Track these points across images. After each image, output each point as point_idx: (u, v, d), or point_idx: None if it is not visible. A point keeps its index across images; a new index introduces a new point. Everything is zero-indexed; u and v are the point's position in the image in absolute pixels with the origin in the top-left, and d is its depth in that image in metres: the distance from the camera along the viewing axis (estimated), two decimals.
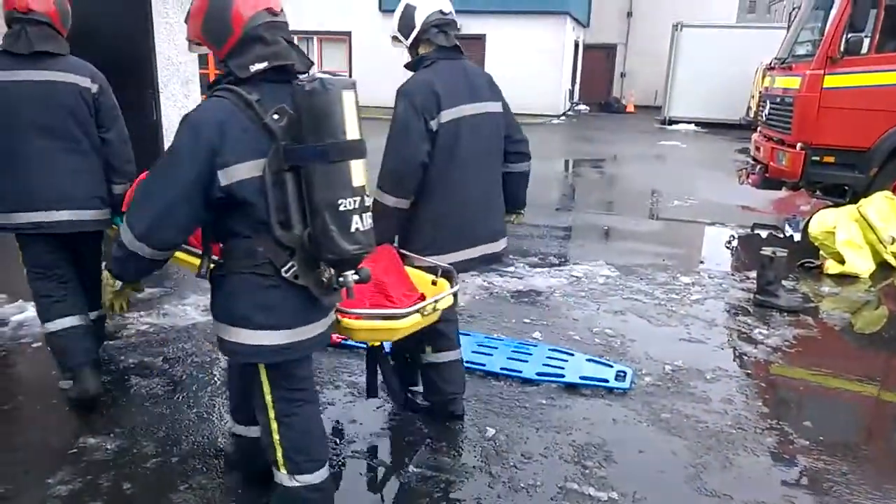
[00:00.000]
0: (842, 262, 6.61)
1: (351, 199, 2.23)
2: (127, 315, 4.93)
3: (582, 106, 28.67)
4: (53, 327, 3.70)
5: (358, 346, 4.33)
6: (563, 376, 4.19)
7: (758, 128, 9.77)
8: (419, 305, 2.92)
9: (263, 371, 2.53)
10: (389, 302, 3.03)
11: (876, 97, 7.45)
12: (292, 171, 2.25)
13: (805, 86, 7.83)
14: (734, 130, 20.82)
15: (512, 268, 6.53)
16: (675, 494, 3.18)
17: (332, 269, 2.35)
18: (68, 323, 3.69)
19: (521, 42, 24.13)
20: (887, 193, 7.10)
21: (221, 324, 2.46)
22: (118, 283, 2.57)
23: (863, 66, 7.50)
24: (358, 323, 2.84)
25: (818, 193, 8.44)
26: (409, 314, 2.87)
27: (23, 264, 3.78)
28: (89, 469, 3.19)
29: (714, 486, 3.22)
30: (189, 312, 5.08)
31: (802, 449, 3.59)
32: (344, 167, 2.23)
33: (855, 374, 4.50)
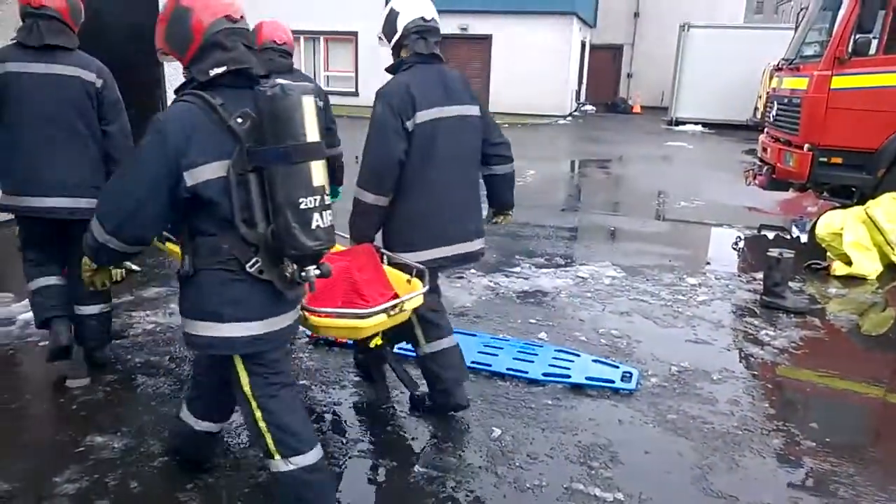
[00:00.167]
0: (849, 264, 6.60)
1: (311, 198, 2.34)
2: (133, 314, 4.96)
3: (588, 106, 28.65)
4: (34, 286, 4.05)
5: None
6: (569, 377, 4.19)
7: (765, 129, 9.75)
8: (384, 306, 2.98)
9: (240, 362, 2.59)
10: (363, 300, 3.10)
11: (884, 98, 7.42)
12: (255, 172, 2.36)
13: (813, 87, 7.81)
14: (741, 131, 20.79)
15: (518, 268, 6.54)
16: (681, 495, 3.18)
17: (295, 265, 2.45)
18: (44, 282, 4.05)
19: (528, 42, 24.12)
20: (895, 195, 7.07)
21: (191, 320, 2.54)
22: (94, 265, 2.67)
23: (871, 68, 7.48)
24: (323, 321, 2.97)
25: (825, 195, 8.40)
26: (374, 314, 2.94)
27: (21, 243, 4.16)
28: (96, 467, 3.20)
29: (720, 488, 3.22)
30: None
31: (809, 450, 3.58)
32: (304, 168, 2.34)
33: (862, 376, 4.49)
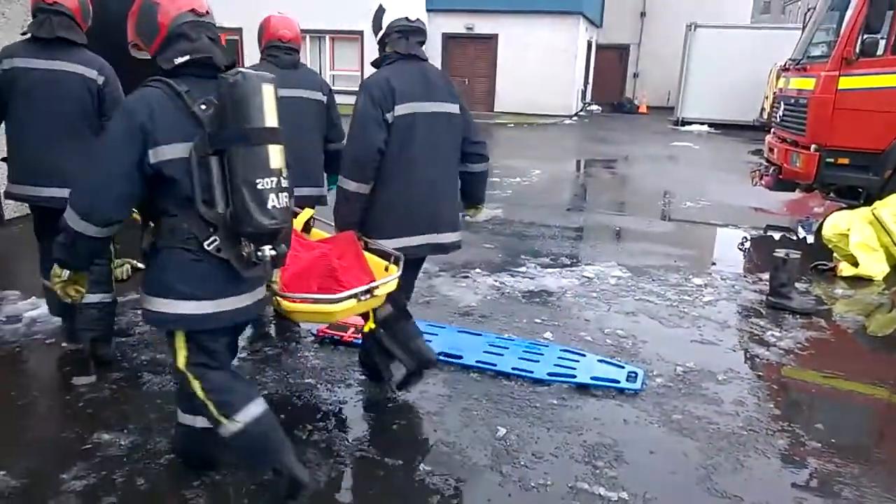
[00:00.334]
0: (855, 265, 6.58)
1: (268, 179, 2.52)
2: (139, 312, 4.95)
3: (594, 106, 28.61)
4: (48, 284, 4.08)
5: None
6: (575, 377, 4.19)
7: (771, 129, 9.72)
8: (353, 291, 3.13)
9: (181, 337, 2.77)
10: (340, 286, 3.24)
11: (891, 99, 7.38)
12: (217, 155, 2.52)
13: (820, 87, 7.79)
14: (747, 132, 20.72)
15: (523, 268, 6.54)
16: (686, 495, 3.18)
17: (252, 244, 2.58)
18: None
19: (534, 42, 24.12)
20: None
21: (149, 296, 2.70)
22: (65, 273, 2.75)
23: (878, 68, 7.45)
24: (295, 306, 3.12)
25: (832, 195, 8.38)
26: (344, 299, 3.09)
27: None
28: (103, 465, 3.21)
29: (725, 488, 3.22)
30: None
31: (814, 451, 3.58)
32: (262, 150, 2.52)
33: (867, 377, 4.48)
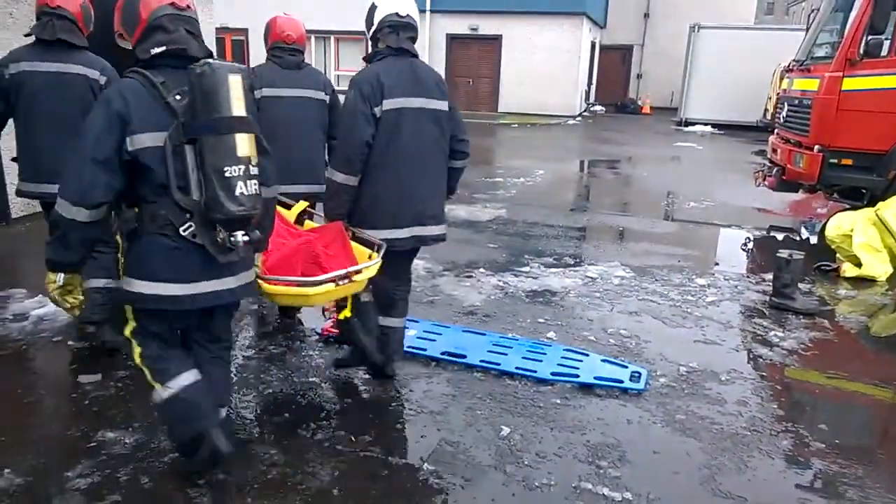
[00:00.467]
0: (859, 266, 6.58)
1: (236, 167, 2.63)
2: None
3: (598, 107, 28.61)
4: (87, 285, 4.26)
5: None
6: (578, 376, 4.20)
7: (775, 130, 9.72)
8: (330, 275, 3.28)
9: (130, 310, 2.90)
10: (322, 272, 3.39)
11: (895, 100, 7.38)
12: (191, 144, 2.64)
13: (823, 88, 7.78)
14: (751, 132, 20.71)
15: (527, 268, 6.55)
16: (690, 496, 3.19)
17: (224, 230, 2.70)
18: (96, 283, 4.17)
19: (538, 42, 24.13)
20: None
21: (129, 277, 2.79)
22: (60, 277, 2.79)
23: (882, 69, 7.44)
24: (275, 288, 3.26)
25: (835, 196, 8.38)
26: (322, 283, 3.24)
27: None
28: (108, 463, 3.22)
29: (728, 488, 3.22)
30: None
31: (817, 452, 3.58)
32: (229, 139, 2.62)
33: (871, 378, 4.49)
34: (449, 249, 7.03)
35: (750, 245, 8.16)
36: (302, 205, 4.24)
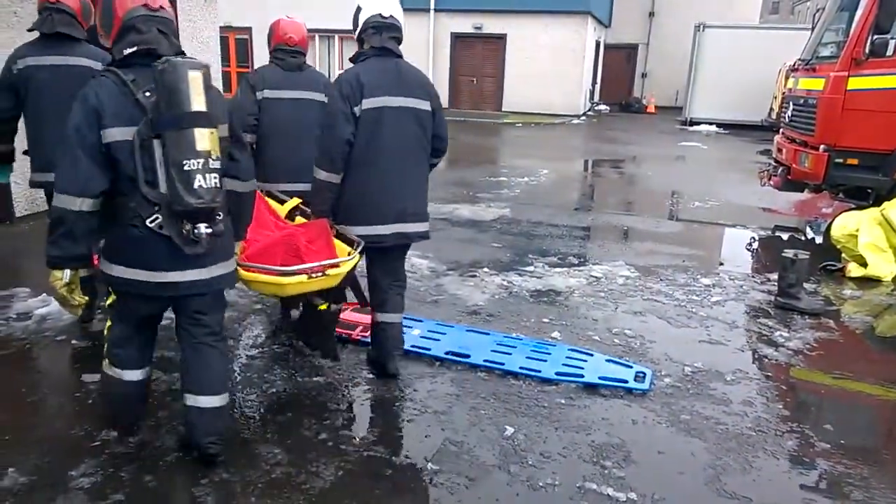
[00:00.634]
0: (864, 265, 6.56)
1: (195, 161, 2.74)
2: None
3: (602, 106, 28.55)
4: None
5: None
6: (582, 376, 4.19)
7: (780, 129, 9.69)
8: (303, 266, 3.45)
9: (117, 295, 3.08)
10: (300, 264, 3.53)
11: None
12: (158, 139, 2.77)
13: (829, 87, 7.75)
14: (756, 132, 20.67)
15: (531, 267, 6.54)
16: (695, 496, 3.18)
17: (188, 223, 2.82)
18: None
19: (542, 42, 24.11)
20: None
21: (105, 260, 2.98)
22: (66, 274, 2.88)
23: (888, 69, 7.40)
24: (251, 275, 3.43)
25: (841, 196, 8.34)
26: (294, 273, 3.42)
27: None
28: (111, 462, 3.22)
29: (733, 489, 3.21)
30: None
31: (823, 452, 3.57)
32: (189, 133, 2.74)
33: (876, 378, 4.47)
34: (453, 249, 7.04)
35: (755, 245, 8.15)
36: (294, 201, 4.38)
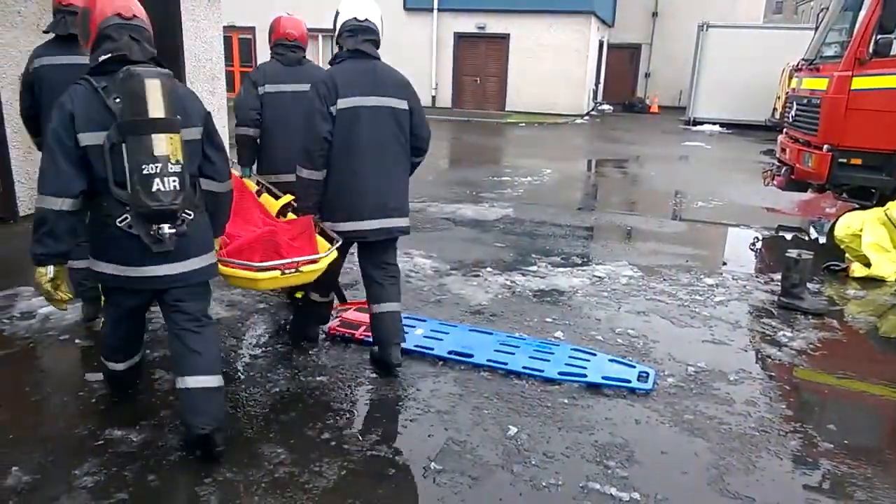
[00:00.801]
0: (868, 265, 6.55)
1: (153, 165, 2.88)
2: (152, 309, 4.97)
3: (605, 106, 28.55)
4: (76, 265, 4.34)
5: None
6: (586, 376, 4.18)
7: (784, 129, 9.68)
8: (276, 263, 3.59)
9: (106, 290, 3.37)
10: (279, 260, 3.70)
11: None
12: (126, 143, 2.88)
13: (832, 87, 7.74)
14: (759, 132, 20.66)
15: (534, 267, 6.53)
16: (698, 496, 3.17)
17: (153, 223, 2.97)
18: (78, 265, 4.22)
19: (546, 41, 24.12)
20: None
21: (91, 259, 3.16)
22: (49, 270, 2.97)
23: (892, 68, 7.38)
24: (227, 270, 3.56)
25: (844, 196, 8.33)
26: (267, 269, 3.56)
27: None
28: (114, 461, 3.22)
29: (737, 489, 3.21)
30: (213, 308, 5.07)
31: (826, 452, 3.56)
32: (146, 139, 2.87)
33: (880, 378, 4.46)
34: (456, 248, 7.04)
35: (758, 245, 8.13)
36: (288, 198, 4.52)
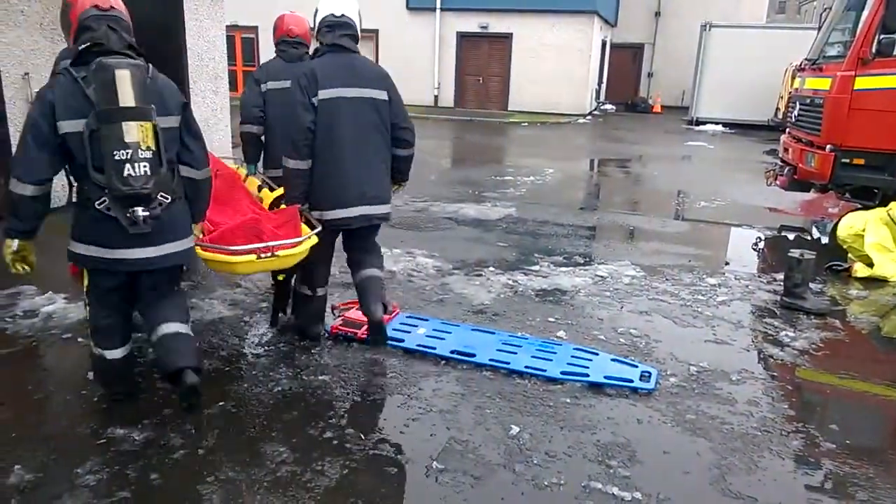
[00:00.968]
0: (870, 265, 6.54)
1: (123, 151, 3.05)
2: None
3: (608, 105, 28.55)
4: None
5: (389, 346, 4.40)
6: (588, 376, 4.18)
7: (786, 129, 9.67)
8: (252, 246, 3.76)
9: (87, 273, 3.52)
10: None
11: None
12: (100, 130, 3.04)
13: (835, 87, 7.73)
14: (762, 131, 20.65)
15: (536, 267, 6.53)
16: (700, 496, 3.17)
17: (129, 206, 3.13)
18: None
19: (549, 41, 24.12)
20: None
21: (70, 239, 3.29)
22: (14, 243, 3.28)
23: (895, 68, 7.38)
24: (205, 253, 3.73)
25: (847, 196, 8.32)
26: (244, 253, 3.74)
27: None
28: (117, 459, 3.23)
29: (739, 488, 3.20)
30: (216, 307, 5.13)
31: (828, 452, 3.56)
32: (117, 127, 3.04)
33: (882, 378, 4.46)
34: (458, 248, 7.04)
35: (761, 245, 8.13)
36: (280, 190, 4.63)
